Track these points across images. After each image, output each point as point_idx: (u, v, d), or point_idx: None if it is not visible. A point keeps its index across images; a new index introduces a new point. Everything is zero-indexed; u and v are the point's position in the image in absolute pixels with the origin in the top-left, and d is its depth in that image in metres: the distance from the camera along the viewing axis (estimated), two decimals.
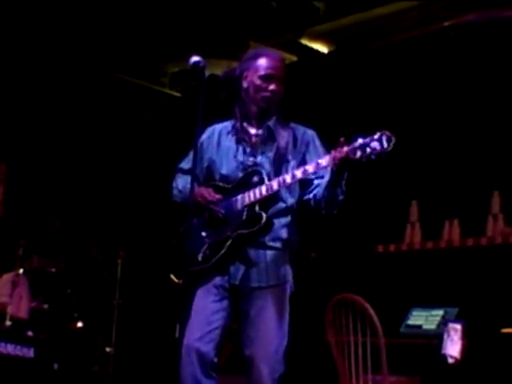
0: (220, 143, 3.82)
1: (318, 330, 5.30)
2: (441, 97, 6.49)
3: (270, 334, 3.61)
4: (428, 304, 5.64)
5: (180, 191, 3.84)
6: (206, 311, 3.61)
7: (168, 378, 3.49)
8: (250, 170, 3.69)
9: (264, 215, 3.59)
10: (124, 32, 7.39)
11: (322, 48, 7.45)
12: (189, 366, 3.51)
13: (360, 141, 3.48)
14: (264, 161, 3.71)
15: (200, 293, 3.66)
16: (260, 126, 3.78)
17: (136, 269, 7.58)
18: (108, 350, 6.84)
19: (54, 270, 7.12)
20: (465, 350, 4.95)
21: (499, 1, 6.19)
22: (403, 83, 6.73)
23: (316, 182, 3.72)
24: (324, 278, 6.67)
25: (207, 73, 3.53)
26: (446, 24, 6.50)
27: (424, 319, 5.53)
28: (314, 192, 3.71)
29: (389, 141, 3.39)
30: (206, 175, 3.83)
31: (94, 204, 8.69)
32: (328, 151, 3.74)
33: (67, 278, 7.23)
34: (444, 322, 5.26)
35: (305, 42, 7.39)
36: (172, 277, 3.75)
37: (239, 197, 3.65)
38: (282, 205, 3.70)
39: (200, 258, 3.66)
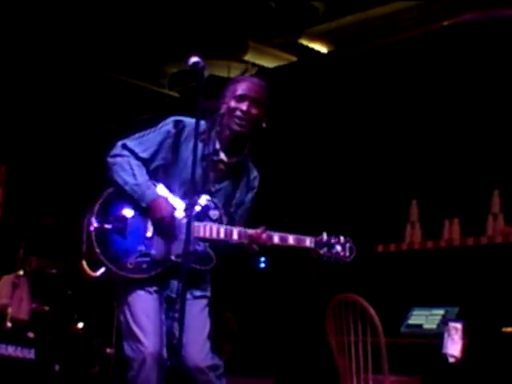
0: (183, 144, 3.62)
1: (319, 329, 5.30)
2: (440, 96, 6.49)
3: (204, 335, 3.52)
4: (428, 303, 5.65)
5: (138, 185, 3.54)
6: (157, 314, 3.47)
7: (167, 378, 3.47)
8: (208, 198, 3.54)
9: (214, 260, 3.51)
10: (123, 33, 7.40)
11: (322, 48, 7.46)
12: (154, 374, 3.35)
13: (326, 237, 3.56)
14: (223, 193, 3.61)
15: (143, 295, 3.49)
16: (231, 155, 3.63)
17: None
18: (108, 351, 6.84)
19: (54, 271, 7.11)
20: (465, 349, 4.95)
21: (498, 0, 6.19)
22: (402, 83, 6.73)
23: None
24: (324, 278, 6.67)
25: (206, 73, 3.53)
26: (445, 24, 6.50)
27: (424, 319, 5.53)
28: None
29: (351, 251, 3.58)
30: (153, 168, 3.62)
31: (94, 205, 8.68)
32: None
33: (68, 279, 7.23)
34: (444, 322, 5.26)
35: (304, 42, 7.40)
36: (84, 264, 3.65)
37: (196, 224, 3.43)
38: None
39: (130, 266, 3.46)
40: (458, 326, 5.02)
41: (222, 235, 3.47)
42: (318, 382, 6.11)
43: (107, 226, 3.57)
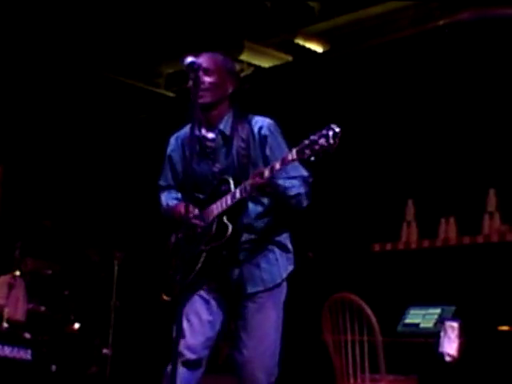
0: (185, 154, 3.70)
1: (315, 329, 5.30)
2: (436, 95, 6.49)
3: (266, 339, 3.56)
4: (425, 302, 5.65)
5: (165, 210, 3.81)
6: (198, 319, 3.54)
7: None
8: (218, 178, 3.61)
9: (230, 226, 3.51)
10: (119, 33, 7.39)
11: (317, 48, 7.45)
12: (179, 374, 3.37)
13: (308, 139, 3.33)
14: (229, 166, 3.62)
15: (189, 301, 3.56)
16: (214, 129, 3.66)
17: (133, 270, 7.58)
18: (105, 351, 6.84)
19: (50, 271, 7.11)
20: (462, 348, 4.96)
21: None
22: (398, 82, 6.73)
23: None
24: (321, 277, 6.67)
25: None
26: (441, 23, 6.50)
27: (421, 318, 5.53)
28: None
29: (334, 136, 3.22)
30: (184, 187, 3.72)
31: (91, 205, 8.68)
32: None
33: (64, 279, 7.23)
34: (441, 321, 5.27)
35: (300, 41, 7.39)
36: (164, 296, 3.72)
37: (208, 209, 3.58)
38: (259, 208, 3.62)
39: (179, 277, 3.52)
40: (455, 324, 5.03)
41: (229, 202, 3.50)
42: (315, 382, 6.11)
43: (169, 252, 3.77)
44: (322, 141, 3.25)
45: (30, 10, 6.96)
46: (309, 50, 7.46)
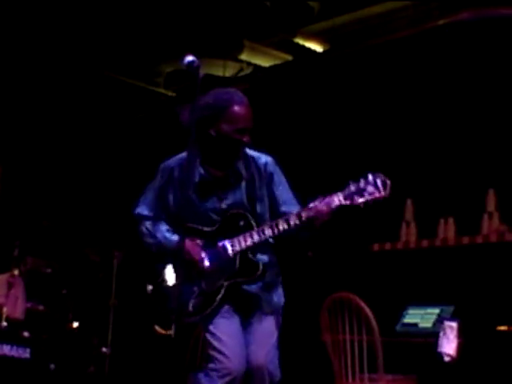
0: (182, 185, 3.67)
1: (314, 329, 5.30)
2: (435, 95, 6.50)
3: (269, 342, 3.65)
4: (424, 302, 5.65)
5: (159, 242, 3.73)
6: (238, 333, 3.61)
7: (164, 378, 3.48)
8: (231, 212, 3.63)
9: (260, 264, 3.59)
10: (119, 32, 7.39)
11: (317, 47, 7.45)
12: None
13: (354, 186, 3.53)
14: (238, 202, 3.66)
15: (219, 320, 3.61)
16: (224, 168, 3.69)
17: (131, 269, 7.57)
18: (104, 350, 6.84)
19: (49, 270, 7.11)
20: (461, 347, 4.96)
21: None
22: (398, 82, 6.73)
23: None
24: (320, 276, 6.67)
25: (202, 72, 3.52)
26: (440, 23, 6.50)
27: (420, 317, 5.53)
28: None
29: (384, 185, 3.49)
30: (171, 215, 3.74)
31: (90, 205, 8.68)
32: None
33: (63, 278, 7.22)
34: (440, 320, 5.27)
35: (299, 41, 7.39)
36: (158, 328, 3.73)
37: (227, 243, 3.60)
38: (269, 241, 3.71)
39: (191, 309, 3.59)
40: (454, 324, 5.03)
41: (256, 238, 3.56)
42: (314, 381, 6.11)
43: (159, 285, 3.71)
44: (372, 189, 3.50)
45: (31, 10, 6.96)
46: (308, 49, 7.46)
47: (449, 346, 4.97)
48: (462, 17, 6.37)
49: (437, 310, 5.48)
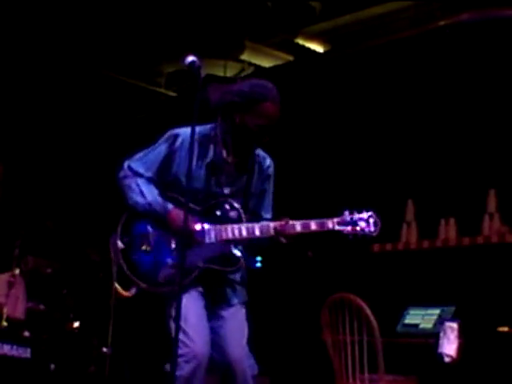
0: (188, 155, 3.55)
1: (315, 329, 5.30)
2: (437, 96, 6.50)
3: (245, 333, 3.67)
4: (424, 303, 5.65)
5: (149, 203, 3.61)
6: (200, 315, 3.58)
7: (164, 378, 3.48)
8: (223, 199, 3.63)
9: (241, 259, 3.60)
10: (120, 32, 7.39)
11: (318, 48, 7.46)
12: (201, 372, 3.47)
13: (348, 216, 3.62)
14: (238, 192, 3.68)
15: (187, 299, 3.47)
16: (236, 155, 3.70)
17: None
18: (104, 350, 6.83)
19: (49, 270, 7.11)
20: (461, 348, 4.96)
21: (494, 0, 6.20)
22: (399, 82, 6.73)
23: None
24: (320, 277, 6.67)
25: (203, 73, 3.53)
26: (442, 23, 6.50)
27: (420, 318, 5.53)
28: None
29: (375, 225, 3.66)
30: (167, 183, 3.70)
31: (91, 204, 8.68)
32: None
33: (63, 278, 7.22)
34: (440, 321, 5.27)
35: (301, 41, 7.40)
36: (117, 286, 3.68)
37: (214, 228, 3.57)
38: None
39: (161, 279, 3.55)
40: (454, 325, 5.03)
41: (244, 234, 3.56)
42: (314, 382, 6.11)
43: (132, 246, 3.62)
44: (364, 225, 3.63)
45: (32, 10, 6.96)
46: (310, 49, 7.47)
47: (449, 346, 4.97)
48: (463, 18, 6.37)
49: (437, 311, 5.48)
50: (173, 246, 3.59)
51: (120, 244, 3.64)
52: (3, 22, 7.14)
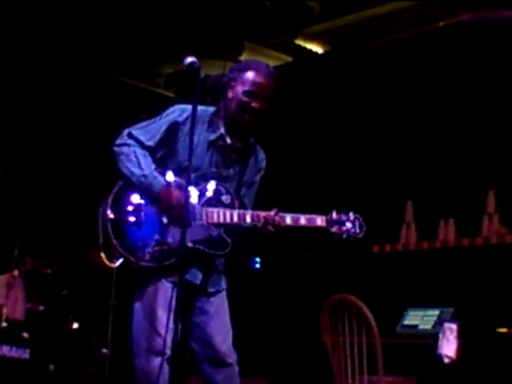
0: (194, 135, 3.47)
1: (314, 330, 5.30)
2: (436, 97, 6.50)
3: (230, 330, 3.68)
4: (424, 304, 5.65)
5: (145, 176, 3.52)
6: (169, 313, 3.45)
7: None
8: (219, 184, 3.59)
9: (230, 244, 3.56)
10: (119, 33, 7.39)
11: (317, 48, 7.46)
12: (163, 371, 3.45)
13: (336, 215, 3.65)
14: (235, 177, 3.66)
15: (157, 290, 3.54)
16: (237, 138, 3.66)
17: (131, 270, 7.56)
18: (104, 351, 6.83)
19: (49, 271, 7.10)
20: (460, 349, 4.96)
21: (494, 1, 6.20)
22: (398, 83, 6.73)
23: None
24: (320, 278, 6.67)
25: (202, 73, 3.53)
26: (441, 24, 6.51)
27: (420, 319, 5.53)
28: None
29: (361, 227, 3.67)
30: (160, 157, 3.62)
31: (90, 205, 8.66)
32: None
33: (63, 279, 7.22)
34: (440, 322, 5.26)
35: (300, 42, 7.40)
36: (102, 256, 3.61)
37: (205, 210, 3.52)
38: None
39: (147, 257, 3.48)
40: (453, 326, 5.03)
41: (235, 219, 3.52)
42: (314, 383, 6.11)
43: (122, 217, 3.54)
44: (350, 226, 3.66)
45: (31, 10, 6.96)
46: (309, 50, 7.47)
47: (449, 347, 4.97)
48: (463, 18, 6.37)
49: (437, 312, 5.48)
50: (164, 222, 3.49)
51: (110, 213, 3.58)
52: (2, 23, 7.14)
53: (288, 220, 3.56)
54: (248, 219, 3.53)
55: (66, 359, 6.66)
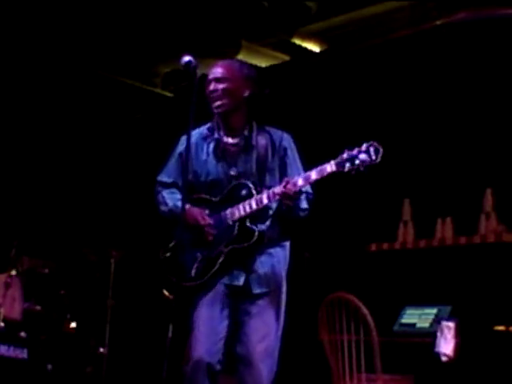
0: (198, 153, 3.82)
1: (312, 328, 5.30)
2: (433, 96, 6.50)
3: (270, 333, 3.68)
4: (421, 302, 5.65)
5: (170, 210, 3.83)
6: (213, 322, 3.64)
7: (161, 379, 3.48)
8: (235, 182, 3.72)
9: (256, 230, 3.66)
10: (116, 32, 7.38)
11: (314, 47, 7.45)
12: (200, 379, 3.57)
13: (347, 153, 3.61)
14: (247, 171, 3.75)
15: (203, 303, 3.69)
16: (235, 135, 3.80)
17: (129, 269, 7.57)
18: (101, 350, 6.83)
19: (46, 270, 7.10)
20: (458, 347, 4.96)
21: (490, 0, 6.21)
22: (395, 82, 6.73)
23: None
24: (317, 277, 6.67)
25: (199, 73, 3.54)
26: (438, 23, 6.51)
27: (417, 317, 5.53)
28: None
29: (377, 152, 3.58)
30: (193, 187, 3.83)
31: (87, 204, 8.68)
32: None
33: (60, 278, 7.22)
34: (437, 321, 5.27)
35: (297, 41, 7.39)
36: (165, 292, 3.82)
37: (228, 211, 3.69)
38: (269, 211, 3.77)
39: (193, 274, 3.69)
40: (451, 324, 5.03)
41: (254, 206, 3.64)
42: (311, 381, 6.11)
43: (167, 255, 3.83)
44: (364, 156, 3.57)
45: (29, 10, 6.95)
46: (306, 49, 7.46)
47: (446, 346, 4.97)
48: (459, 17, 6.37)
49: (434, 310, 5.48)
50: (196, 239, 3.74)
51: (162, 254, 3.84)
52: (1, 23, 7.14)
53: (300, 181, 3.58)
54: (265, 200, 3.62)
55: (64, 359, 6.66)
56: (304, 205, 3.76)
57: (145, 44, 7.66)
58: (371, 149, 3.58)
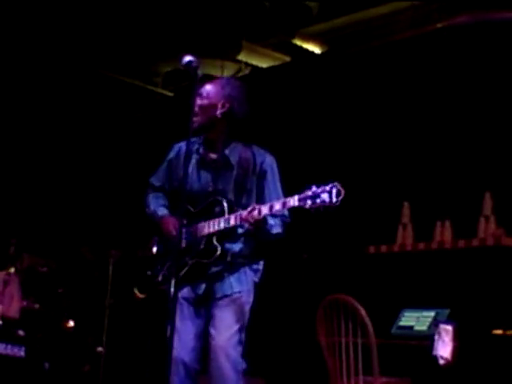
0: (186, 163, 3.82)
1: (310, 330, 5.30)
2: (433, 98, 6.50)
3: (230, 328, 3.81)
4: (419, 305, 5.65)
5: (151, 214, 4.03)
6: (183, 322, 3.79)
7: (159, 378, 3.51)
8: (212, 198, 3.82)
9: (219, 249, 3.75)
10: (117, 32, 7.38)
11: (315, 48, 7.45)
12: (176, 377, 3.69)
13: (311, 191, 3.57)
14: (225, 189, 3.85)
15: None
16: (215, 151, 3.91)
17: (127, 268, 7.57)
18: (99, 349, 6.83)
19: (45, 269, 7.11)
20: (456, 351, 4.95)
21: (492, 2, 6.20)
22: (396, 84, 6.73)
23: None
24: (315, 278, 6.67)
25: (200, 73, 3.54)
26: (439, 25, 6.51)
27: (415, 320, 5.53)
28: None
29: (338, 194, 3.53)
30: (178, 197, 3.88)
31: (86, 203, 8.68)
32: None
33: (58, 277, 7.22)
34: (435, 323, 5.26)
35: (298, 42, 7.39)
36: (135, 291, 3.92)
37: (200, 225, 3.82)
38: (239, 231, 3.87)
39: (160, 279, 3.86)
40: (449, 327, 5.02)
41: (222, 225, 3.74)
42: (309, 383, 6.11)
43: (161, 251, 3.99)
44: (325, 197, 3.50)
45: (29, 9, 6.95)
46: (307, 50, 7.46)
47: (444, 349, 4.97)
48: (461, 20, 6.37)
49: (432, 313, 5.48)
50: (168, 247, 3.92)
51: (154, 250, 4.01)
52: (1, 22, 7.13)
53: (264, 210, 3.63)
54: (232, 221, 3.71)
55: (62, 357, 6.66)
56: (276, 229, 3.82)
57: (146, 43, 7.66)
58: (334, 190, 3.54)
